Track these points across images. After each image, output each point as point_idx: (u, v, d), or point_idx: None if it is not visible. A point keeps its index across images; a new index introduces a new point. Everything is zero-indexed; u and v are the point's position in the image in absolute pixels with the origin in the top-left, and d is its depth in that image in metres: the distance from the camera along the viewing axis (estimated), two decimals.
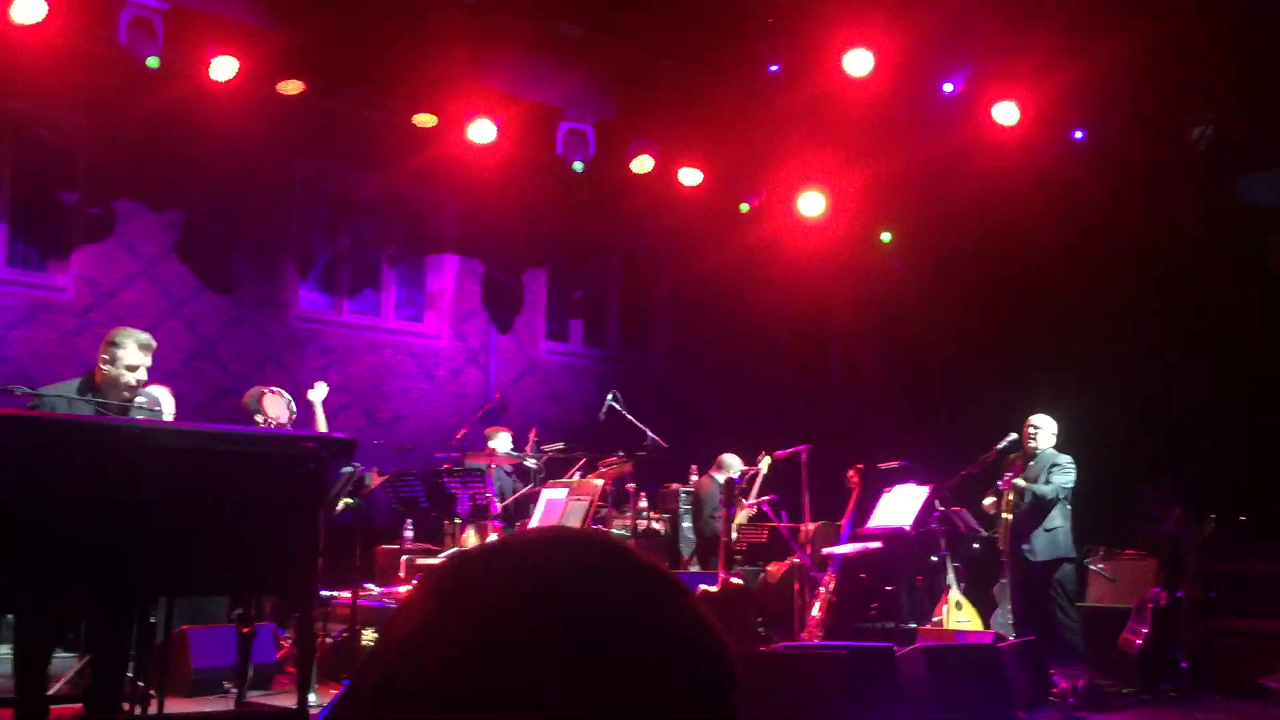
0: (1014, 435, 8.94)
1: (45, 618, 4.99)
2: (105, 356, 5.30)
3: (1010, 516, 8.61)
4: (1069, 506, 8.70)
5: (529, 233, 13.02)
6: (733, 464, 9.81)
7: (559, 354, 13.36)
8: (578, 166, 10.99)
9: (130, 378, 5.33)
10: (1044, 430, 8.86)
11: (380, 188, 12.36)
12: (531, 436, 9.59)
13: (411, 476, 8.36)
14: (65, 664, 5.70)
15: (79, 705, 4.97)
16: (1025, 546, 8.59)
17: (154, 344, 5.44)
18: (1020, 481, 8.60)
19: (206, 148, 10.89)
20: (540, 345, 13.19)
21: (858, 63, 9.81)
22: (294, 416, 7.83)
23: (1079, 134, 11.37)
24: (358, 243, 12.43)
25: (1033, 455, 8.84)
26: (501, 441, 9.43)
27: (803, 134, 11.53)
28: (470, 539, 7.76)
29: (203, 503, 4.69)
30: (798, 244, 13.29)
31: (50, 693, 5.20)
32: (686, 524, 10.12)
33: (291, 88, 10.19)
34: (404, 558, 7.48)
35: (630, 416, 9.06)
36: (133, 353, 5.32)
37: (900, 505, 8.31)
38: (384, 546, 8.56)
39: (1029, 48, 10.13)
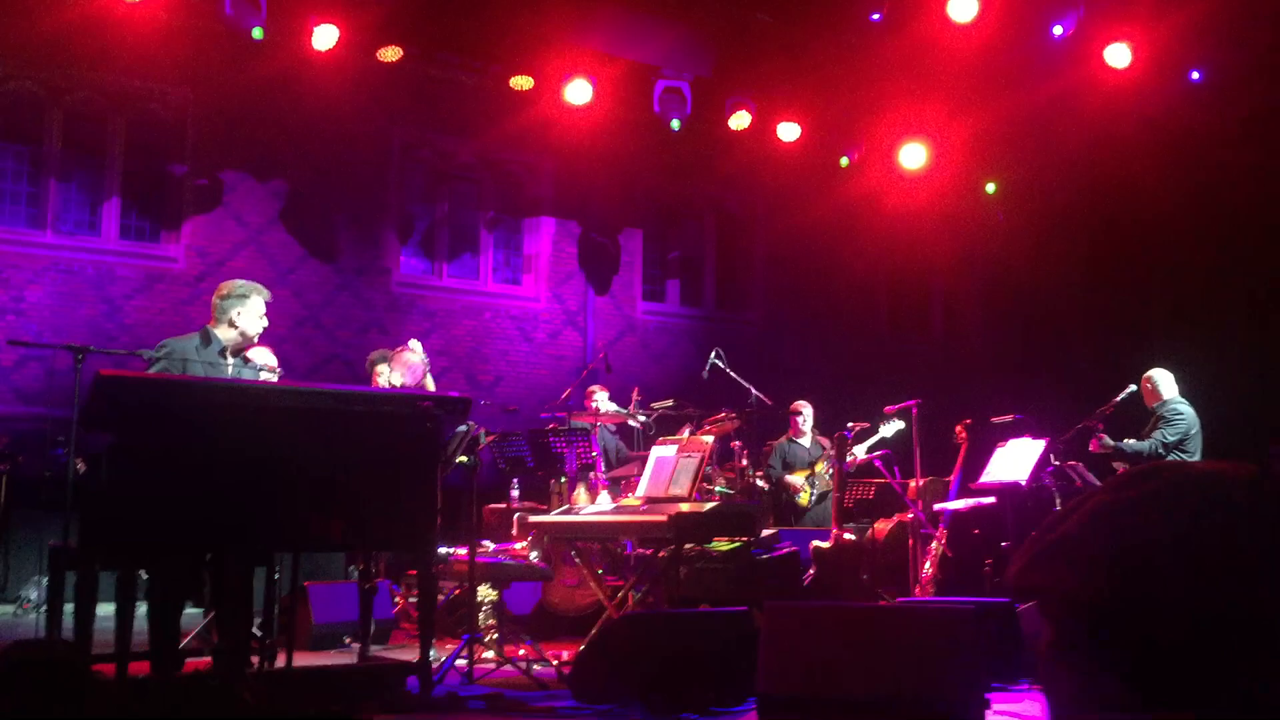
0: (1133, 387, 8.65)
1: (180, 574, 5.13)
2: (236, 310, 5.35)
3: None
4: (1183, 458, 8.34)
5: (625, 193, 12.97)
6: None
7: (656, 314, 13.32)
8: (675, 125, 10.88)
9: (260, 327, 5.44)
10: (1157, 384, 8.57)
11: (477, 152, 12.41)
12: (634, 396, 9.56)
13: (517, 436, 8.38)
14: (190, 620, 5.85)
15: (207, 659, 5.08)
16: None
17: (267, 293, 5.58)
18: (1108, 440, 8.33)
19: (308, 117, 11.07)
20: (637, 306, 13.17)
21: (962, 8, 9.53)
22: (428, 368, 7.91)
23: (1196, 75, 10.91)
24: (455, 208, 12.51)
25: (1152, 410, 8.57)
26: (602, 400, 9.42)
27: (904, 85, 11.26)
28: (580, 497, 7.78)
29: (326, 461, 4.75)
30: (898, 198, 13.04)
31: (179, 646, 5.36)
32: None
33: (390, 54, 10.26)
34: (515, 516, 7.54)
35: (734, 374, 8.98)
36: (259, 304, 5.43)
37: (1014, 459, 8.10)
38: (491, 505, 8.63)
39: None
